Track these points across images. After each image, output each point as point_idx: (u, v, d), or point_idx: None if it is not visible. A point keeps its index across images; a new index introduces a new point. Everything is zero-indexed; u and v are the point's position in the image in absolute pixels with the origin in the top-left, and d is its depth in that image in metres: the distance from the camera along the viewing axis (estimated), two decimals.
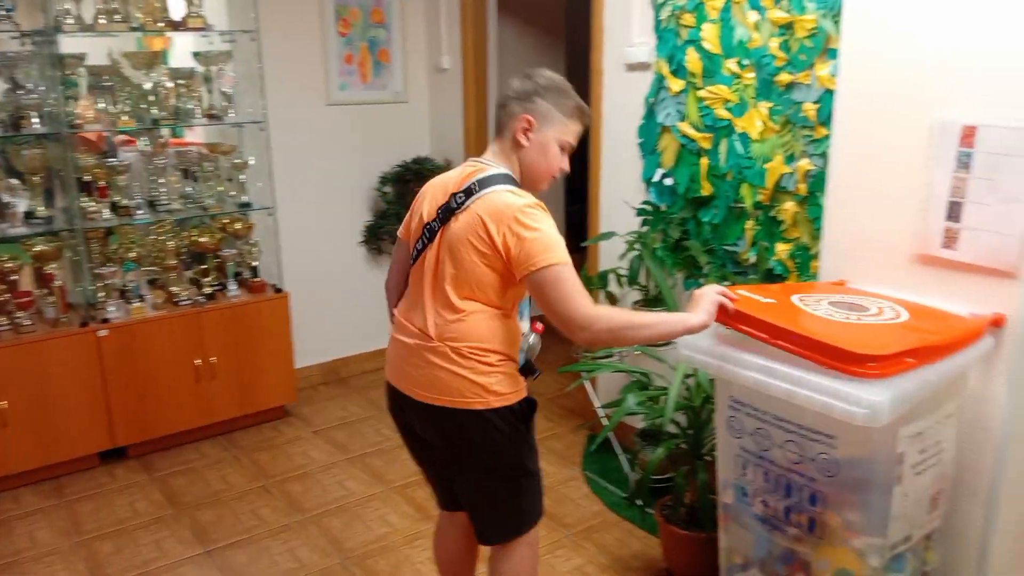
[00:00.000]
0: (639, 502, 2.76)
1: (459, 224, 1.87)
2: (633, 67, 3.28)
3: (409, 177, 4.39)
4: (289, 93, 4.09)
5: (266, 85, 3.85)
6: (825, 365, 1.72)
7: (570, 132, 1.97)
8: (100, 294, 3.52)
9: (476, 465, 1.95)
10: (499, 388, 1.89)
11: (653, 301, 3.03)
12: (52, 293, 3.44)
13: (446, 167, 4.40)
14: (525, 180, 1.96)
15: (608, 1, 3.35)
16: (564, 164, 2.00)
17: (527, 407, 1.97)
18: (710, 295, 1.91)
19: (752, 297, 1.98)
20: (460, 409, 1.88)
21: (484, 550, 2.11)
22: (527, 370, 1.99)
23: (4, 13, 3.24)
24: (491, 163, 1.95)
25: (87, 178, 3.52)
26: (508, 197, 1.83)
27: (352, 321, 4.56)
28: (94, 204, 3.52)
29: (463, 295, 1.88)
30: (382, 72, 4.40)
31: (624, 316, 1.83)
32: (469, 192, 1.87)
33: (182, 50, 4.12)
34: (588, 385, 3.50)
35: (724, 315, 1.91)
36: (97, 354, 3.42)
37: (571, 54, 5.03)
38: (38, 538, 3.03)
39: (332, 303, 4.45)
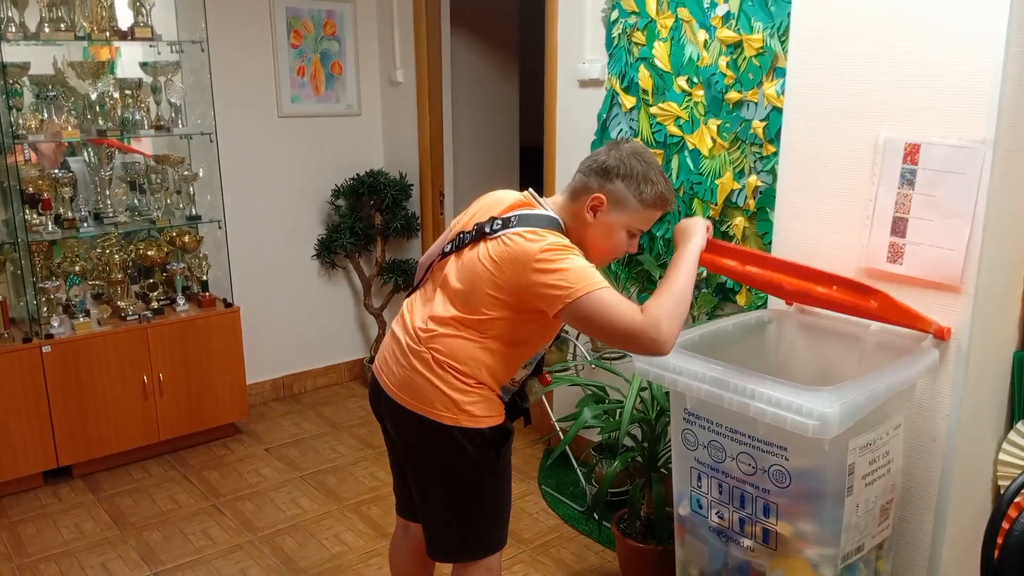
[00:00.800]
0: (596, 516, 2.77)
1: (483, 249, 1.81)
2: (586, 83, 3.32)
3: (362, 191, 4.36)
4: (240, 105, 4.04)
5: (216, 96, 3.79)
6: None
7: (644, 220, 1.86)
8: (43, 309, 3.42)
9: (433, 477, 1.93)
10: (473, 409, 1.85)
11: None
12: None
13: (400, 180, 4.38)
14: (580, 247, 1.81)
15: (561, 18, 3.38)
16: (631, 247, 1.90)
17: (500, 434, 1.91)
18: (696, 222, 1.93)
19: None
20: (427, 418, 1.85)
21: (446, 568, 2.09)
22: (520, 413, 1.96)
23: None
24: (546, 206, 1.87)
25: (30, 190, 3.42)
26: (528, 244, 1.74)
27: (305, 336, 4.50)
28: (37, 217, 3.43)
29: (461, 314, 1.84)
30: (335, 85, 4.37)
31: (664, 297, 1.72)
32: (507, 223, 1.81)
33: (130, 60, 4.05)
34: (544, 399, 3.51)
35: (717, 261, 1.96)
36: (40, 371, 3.32)
37: (525, 69, 5.06)
38: None
39: (284, 318, 4.39)
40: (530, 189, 1.96)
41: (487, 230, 1.83)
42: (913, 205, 1.98)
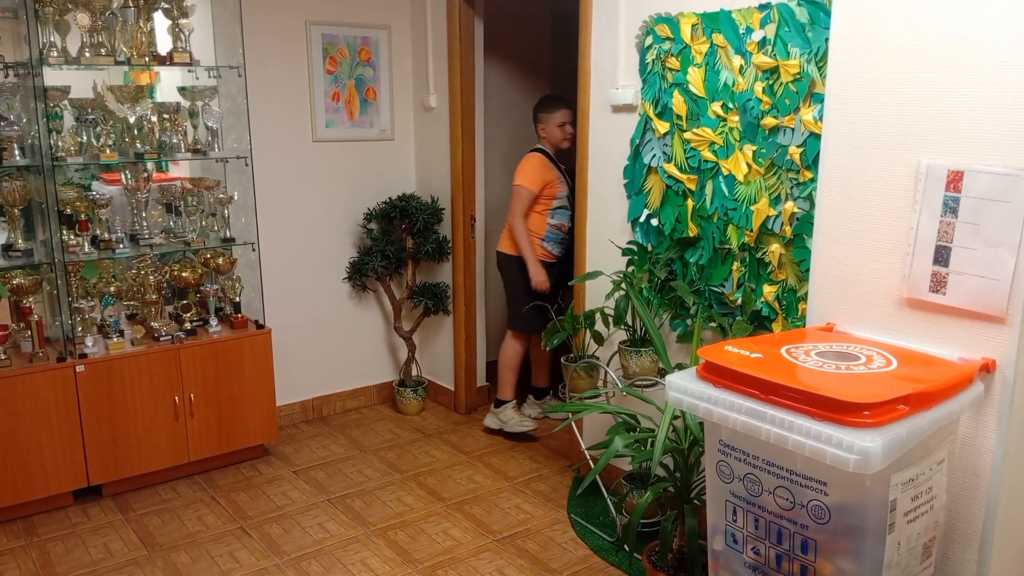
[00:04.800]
0: (627, 547, 2.71)
1: None
2: (619, 109, 3.31)
3: (394, 214, 4.38)
4: (275, 129, 4.09)
5: (252, 121, 3.84)
6: (819, 417, 1.71)
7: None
8: (78, 328, 3.46)
9: None
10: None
11: (640, 341, 3.01)
12: (29, 327, 3.38)
13: (432, 204, 4.39)
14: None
15: (594, 44, 3.38)
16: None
17: None
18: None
19: (740, 352, 1.97)
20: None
21: None
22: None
23: None
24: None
25: (68, 211, 3.48)
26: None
27: (335, 359, 4.51)
28: (75, 238, 3.48)
29: None
30: (369, 110, 4.41)
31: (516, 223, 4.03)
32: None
33: (168, 84, 4.12)
34: (575, 427, 3.47)
35: (713, 374, 1.90)
36: (74, 390, 3.35)
37: (557, 92, 5.06)
38: None
39: (315, 340, 4.40)
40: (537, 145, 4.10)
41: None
42: (956, 233, 1.93)
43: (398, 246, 4.43)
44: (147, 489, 3.62)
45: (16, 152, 3.31)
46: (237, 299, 3.87)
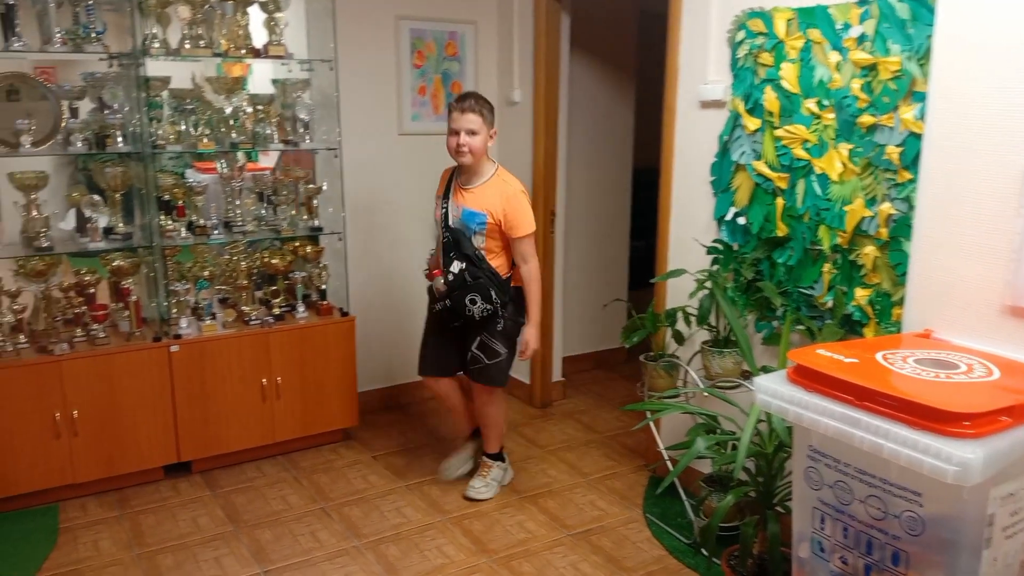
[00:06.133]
0: (704, 550, 2.68)
1: None
2: (707, 104, 3.26)
3: None
4: (363, 122, 4.17)
5: (341, 113, 3.93)
6: (916, 426, 1.66)
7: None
8: (173, 310, 3.61)
9: None
10: None
11: (723, 342, 2.97)
12: (127, 307, 3.54)
13: None
14: None
15: (684, 39, 3.34)
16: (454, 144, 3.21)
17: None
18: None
19: (833, 357, 1.92)
20: None
21: None
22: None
23: (94, 36, 3.38)
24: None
25: (166, 197, 3.62)
26: None
27: (415, 349, 4.55)
28: (172, 223, 3.62)
29: None
30: None
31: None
32: None
33: (259, 77, 4.24)
34: (653, 426, 3.44)
35: (805, 378, 1.86)
36: (168, 369, 3.49)
37: (642, 90, 5.03)
38: (102, 548, 3.09)
39: (395, 329, 4.48)
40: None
41: None
42: None
43: None
44: (234, 467, 3.75)
45: (119, 139, 3.45)
46: (323, 287, 3.96)
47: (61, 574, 2.91)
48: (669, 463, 3.36)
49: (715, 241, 3.18)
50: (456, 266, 3.20)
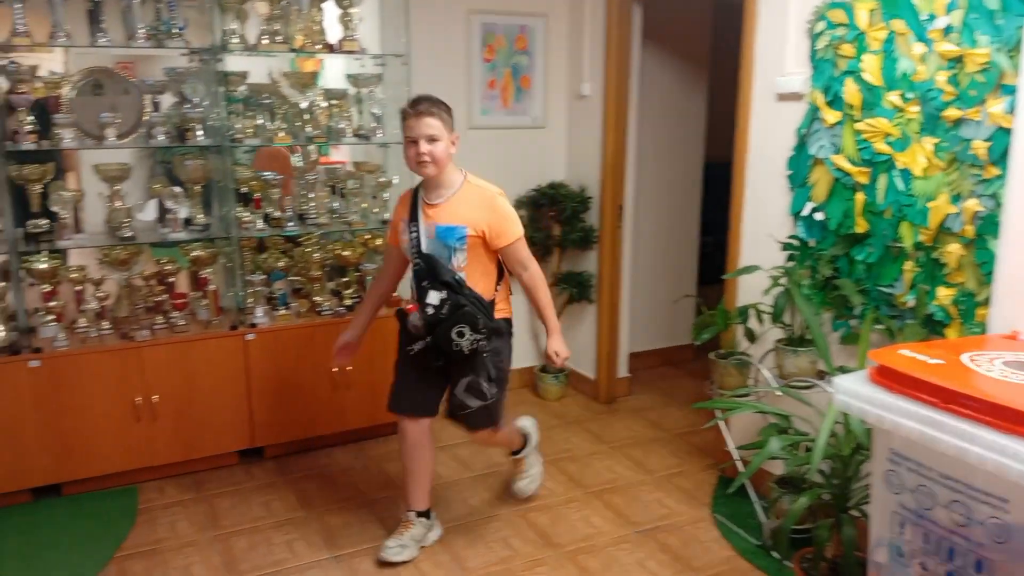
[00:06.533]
0: (776, 552, 2.63)
1: None
2: (784, 97, 3.19)
3: (544, 202, 4.42)
4: None
5: None
6: (1005, 430, 1.59)
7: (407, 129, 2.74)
8: (249, 300, 3.70)
9: None
10: None
11: (798, 340, 2.91)
12: (206, 296, 3.64)
13: (580, 193, 4.40)
14: None
15: (761, 30, 3.27)
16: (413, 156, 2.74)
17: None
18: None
19: (917, 357, 1.86)
20: None
21: None
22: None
23: (176, 31, 3.48)
24: None
25: (243, 189, 3.72)
26: None
27: None
28: (249, 214, 3.71)
29: None
30: (523, 97, 4.45)
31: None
32: None
33: (331, 72, 4.30)
34: (723, 425, 3.37)
35: (887, 379, 1.80)
36: (244, 356, 3.58)
37: (715, 82, 4.95)
38: (178, 529, 3.19)
39: None
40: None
41: None
42: None
43: (544, 233, 4.46)
44: (306, 453, 3.83)
45: (199, 132, 3.55)
46: None
47: (139, 553, 3.03)
48: (739, 463, 3.31)
49: (791, 237, 3.11)
50: (434, 296, 2.71)
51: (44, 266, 3.39)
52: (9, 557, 2.98)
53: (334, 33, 3.82)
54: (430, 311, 2.69)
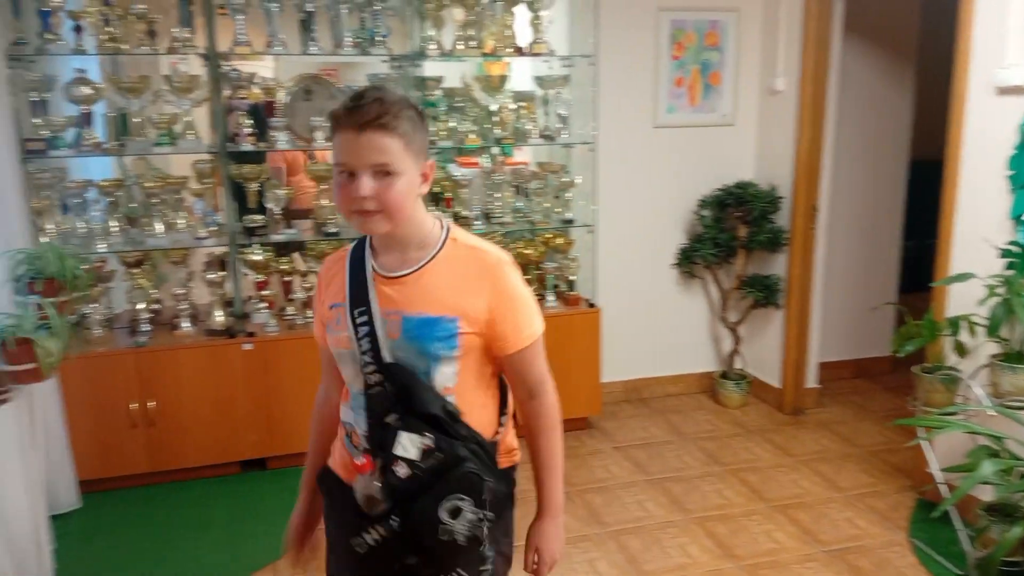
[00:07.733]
0: None
1: None
2: (1005, 91, 2.92)
3: (729, 202, 4.29)
4: (618, 115, 4.18)
5: (598, 107, 3.97)
6: None
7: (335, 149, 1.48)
8: None
9: None
10: None
11: (1017, 356, 2.65)
12: None
13: (770, 192, 4.23)
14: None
15: (978, 19, 3.01)
16: (348, 191, 1.46)
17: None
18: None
19: None
20: None
21: None
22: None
23: (380, 39, 3.68)
24: None
25: (436, 189, 3.88)
26: None
27: (658, 343, 4.55)
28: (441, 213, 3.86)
29: None
30: (711, 94, 4.35)
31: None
32: None
33: (518, 74, 4.39)
34: (926, 444, 3.11)
35: None
36: None
37: (922, 77, 4.60)
38: None
39: (640, 322, 4.47)
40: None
41: None
42: None
43: (730, 234, 4.33)
44: None
45: None
46: (572, 278, 4.05)
47: None
48: (944, 486, 3.05)
49: (1011, 243, 2.84)
50: (412, 443, 1.47)
51: (259, 257, 3.70)
52: (215, 525, 3.26)
53: (524, 36, 3.90)
54: (402, 471, 1.46)
